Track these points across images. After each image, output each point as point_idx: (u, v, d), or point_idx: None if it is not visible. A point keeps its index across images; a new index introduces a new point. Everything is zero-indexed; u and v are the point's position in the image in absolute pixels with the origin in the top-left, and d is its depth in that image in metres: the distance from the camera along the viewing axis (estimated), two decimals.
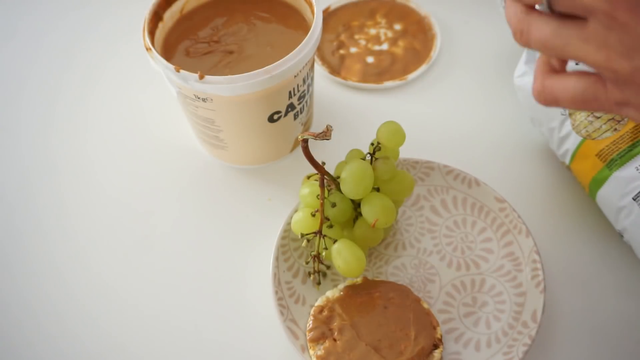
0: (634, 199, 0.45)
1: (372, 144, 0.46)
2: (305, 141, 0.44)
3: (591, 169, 0.48)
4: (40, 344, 0.47)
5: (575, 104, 0.31)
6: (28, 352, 0.47)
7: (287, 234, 0.49)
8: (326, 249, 0.45)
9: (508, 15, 0.31)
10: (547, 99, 0.32)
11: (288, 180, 0.54)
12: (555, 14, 0.29)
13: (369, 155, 0.46)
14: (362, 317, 0.44)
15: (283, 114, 0.50)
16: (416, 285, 0.48)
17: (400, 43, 0.64)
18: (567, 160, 0.51)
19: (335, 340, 0.43)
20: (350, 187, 0.44)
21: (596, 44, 0.28)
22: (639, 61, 0.27)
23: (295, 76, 0.47)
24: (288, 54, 0.45)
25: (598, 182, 0.48)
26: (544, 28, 0.29)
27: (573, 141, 0.49)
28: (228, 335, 0.47)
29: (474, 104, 0.60)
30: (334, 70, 0.62)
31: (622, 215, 0.46)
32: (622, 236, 0.48)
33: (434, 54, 0.63)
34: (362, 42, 0.64)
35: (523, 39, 0.30)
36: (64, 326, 0.48)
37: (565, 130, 0.50)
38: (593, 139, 0.48)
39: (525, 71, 0.53)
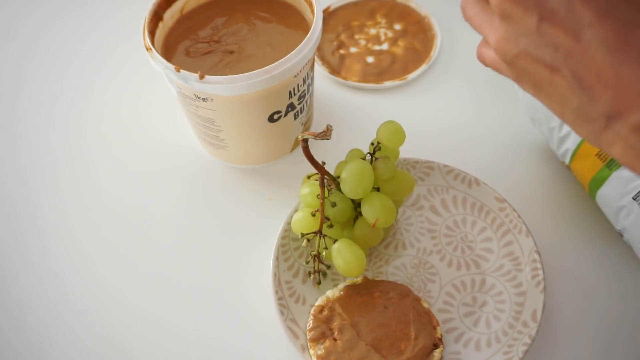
0: (634, 199, 0.45)
1: (372, 144, 0.46)
2: (306, 141, 0.44)
3: (591, 168, 0.48)
4: (40, 343, 0.47)
5: (495, 70, 0.35)
6: (27, 350, 0.47)
7: (287, 234, 0.49)
8: (326, 248, 0.45)
9: None
10: (481, 61, 0.37)
11: (288, 180, 0.54)
12: None
13: (369, 155, 0.46)
14: (362, 316, 0.44)
15: (283, 113, 0.50)
16: (416, 284, 0.48)
17: (400, 43, 0.64)
18: (567, 160, 0.51)
19: (335, 339, 0.43)
20: (350, 186, 0.44)
21: (492, 28, 0.32)
22: (522, 47, 0.30)
23: (295, 76, 0.47)
24: (288, 54, 0.45)
25: (598, 181, 0.48)
26: (473, 8, 0.34)
27: (573, 141, 0.49)
28: (228, 334, 0.47)
29: (474, 104, 0.60)
30: (334, 70, 0.62)
31: (622, 214, 0.46)
32: (622, 236, 0.48)
33: (434, 54, 0.63)
34: (362, 42, 0.64)
35: (462, 13, 0.36)
36: (64, 325, 0.48)
37: (565, 130, 0.50)
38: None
39: None
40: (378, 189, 0.46)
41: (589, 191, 0.50)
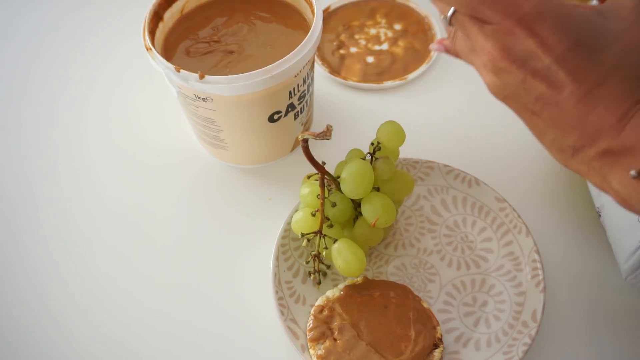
0: None
1: (372, 144, 0.46)
2: (306, 141, 0.44)
3: None
4: (39, 343, 0.47)
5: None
6: (26, 351, 0.47)
7: (287, 234, 0.49)
8: (326, 248, 0.45)
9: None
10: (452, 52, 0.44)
11: (288, 180, 0.54)
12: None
13: (369, 155, 0.46)
14: (363, 316, 0.44)
15: (283, 113, 0.50)
16: (416, 284, 0.48)
17: (401, 43, 0.64)
18: None
19: (335, 339, 0.43)
20: (351, 186, 0.44)
21: (485, 73, 0.38)
22: (509, 94, 0.37)
23: (295, 76, 0.47)
24: (288, 53, 0.45)
25: None
26: (462, 45, 0.40)
27: None
28: (228, 335, 0.47)
29: (474, 104, 0.60)
30: (334, 70, 0.62)
31: None
32: (599, 215, 0.48)
33: (434, 54, 0.63)
34: (362, 42, 0.64)
35: (453, 45, 0.42)
36: (63, 326, 0.48)
37: None
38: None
39: None
40: (378, 189, 0.46)
41: None
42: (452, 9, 0.37)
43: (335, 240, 0.45)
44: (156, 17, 0.50)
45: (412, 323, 0.44)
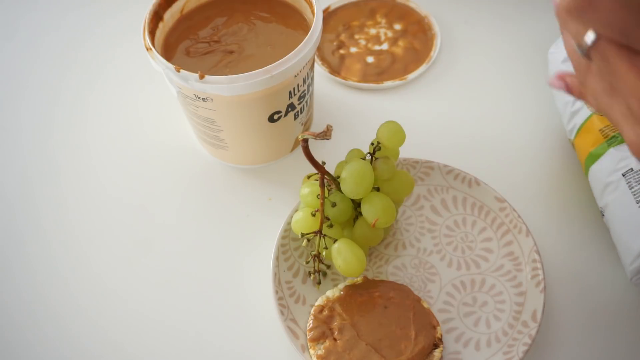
0: (623, 175, 0.46)
1: (372, 144, 0.46)
2: (306, 141, 0.44)
3: (591, 143, 0.49)
4: (38, 344, 0.47)
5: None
6: (25, 351, 0.47)
7: (287, 234, 0.49)
8: (326, 248, 0.45)
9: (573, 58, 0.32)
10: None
11: (288, 180, 0.54)
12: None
13: (369, 155, 0.46)
14: (363, 316, 0.44)
15: (283, 114, 0.50)
16: (416, 284, 0.48)
17: (400, 43, 0.64)
18: (572, 136, 0.52)
19: (335, 339, 0.43)
20: (351, 186, 0.44)
21: (628, 127, 0.28)
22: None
23: (295, 76, 0.47)
24: (288, 53, 0.45)
25: (594, 157, 0.49)
26: (599, 96, 0.30)
27: (582, 116, 0.51)
28: (228, 335, 0.47)
29: (474, 104, 0.60)
30: (334, 70, 0.62)
31: (607, 190, 0.47)
32: (603, 215, 0.48)
33: (434, 53, 0.63)
34: (362, 42, 0.64)
35: (580, 82, 0.32)
36: (63, 326, 0.48)
37: (577, 105, 0.51)
38: (601, 115, 0.49)
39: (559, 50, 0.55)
40: (378, 189, 0.46)
41: (584, 168, 0.51)
42: (593, 34, 0.26)
43: (335, 240, 0.45)
44: (156, 17, 0.50)
45: (412, 323, 0.44)
